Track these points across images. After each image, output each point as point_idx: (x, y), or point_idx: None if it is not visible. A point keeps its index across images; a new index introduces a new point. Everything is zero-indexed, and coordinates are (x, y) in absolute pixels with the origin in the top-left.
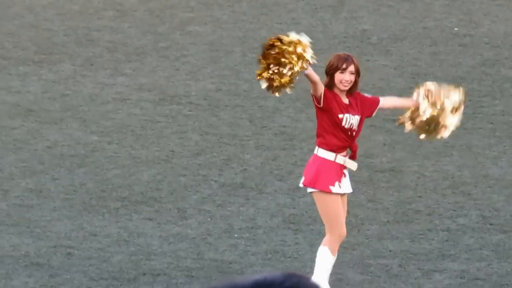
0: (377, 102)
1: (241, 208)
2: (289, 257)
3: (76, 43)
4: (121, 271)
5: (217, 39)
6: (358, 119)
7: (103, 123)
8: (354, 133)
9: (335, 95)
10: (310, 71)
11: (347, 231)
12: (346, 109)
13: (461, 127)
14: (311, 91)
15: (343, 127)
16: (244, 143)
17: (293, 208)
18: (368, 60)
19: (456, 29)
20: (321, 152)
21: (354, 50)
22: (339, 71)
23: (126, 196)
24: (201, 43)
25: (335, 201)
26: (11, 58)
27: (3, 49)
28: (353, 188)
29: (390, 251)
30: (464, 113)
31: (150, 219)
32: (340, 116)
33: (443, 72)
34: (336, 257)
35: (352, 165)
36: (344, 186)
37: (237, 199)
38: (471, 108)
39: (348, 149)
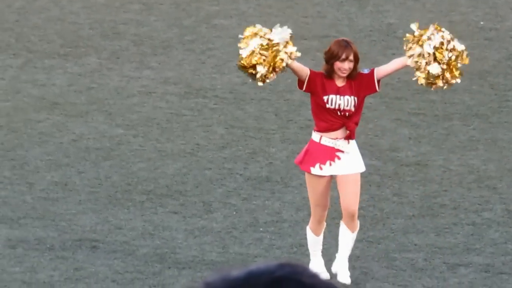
0: (372, 74)
1: (266, 201)
2: None
3: (102, 36)
4: (146, 265)
5: (242, 32)
6: (351, 100)
7: (128, 116)
8: (346, 113)
9: (326, 79)
10: (291, 62)
11: (372, 225)
12: (335, 91)
13: (486, 121)
14: (297, 77)
15: (329, 108)
16: (270, 136)
17: None
18: (394, 54)
19: (482, 23)
20: (312, 134)
21: (380, 44)
22: (339, 60)
23: (152, 190)
24: (227, 37)
25: (316, 183)
26: (36, 52)
27: (29, 42)
28: (378, 182)
29: (415, 245)
30: (489, 107)
31: (175, 213)
32: (325, 97)
33: (468, 65)
34: (321, 235)
35: (346, 147)
36: (336, 169)
37: (262, 193)
38: (497, 102)
39: (344, 130)
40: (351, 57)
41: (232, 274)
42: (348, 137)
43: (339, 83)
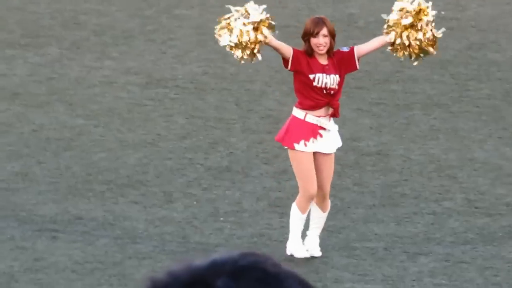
0: (353, 52)
1: (227, 191)
2: (275, 241)
3: (63, 26)
4: (106, 255)
5: (204, 22)
6: (335, 78)
7: (89, 107)
8: (332, 91)
9: (310, 58)
10: (269, 40)
11: (332, 215)
12: (321, 69)
13: (447, 111)
14: (281, 56)
15: (315, 86)
16: (230, 126)
17: (279, 191)
18: (355, 44)
19: (443, 12)
20: (294, 111)
21: (341, 34)
22: (312, 36)
23: (112, 180)
24: (188, 27)
25: (302, 159)
26: None
27: None
28: (339, 172)
29: (376, 234)
30: (450, 97)
31: (136, 203)
32: (311, 76)
33: (429, 55)
34: (305, 216)
35: (329, 125)
36: (318, 146)
37: (223, 183)
38: (457, 92)
39: (327, 108)
40: (325, 32)
41: (195, 263)
42: (333, 115)
43: (323, 61)
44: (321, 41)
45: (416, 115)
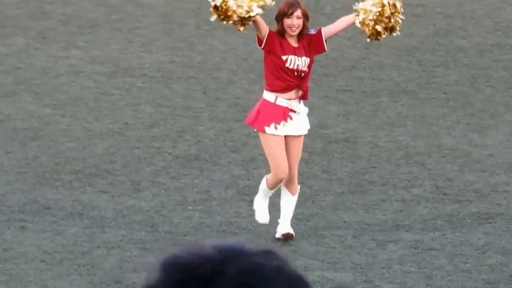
0: (320, 34)
1: (195, 180)
2: (244, 229)
3: (29, 16)
4: (75, 244)
5: (170, 11)
6: (306, 60)
7: (56, 96)
8: (302, 74)
9: (282, 39)
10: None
11: (301, 203)
12: (293, 51)
13: (415, 97)
14: (257, 33)
15: (287, 68)
16: (198, 115)
17: (248, 179)
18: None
19: None
20: (265, 94)
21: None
22: (286, 16)
23: (80, 169)
24: (154, 15)
25: (272, 142)
26: None
27: None
28: (307, 159)
29: (345, 222)
30: (417, 84)
31: (104, 192)
32: (284, 57)
33: (396, 42)
34: (272, 191)
35: (299, 107)
36: (288, 129)
37: (191, 171)
38: (425, 78)
39: (297, 91)
40: (298, 13)
41: (202, 251)
42: (302, 97)
43: (293, 43)
44: (294, 22)
45: (384, 102)
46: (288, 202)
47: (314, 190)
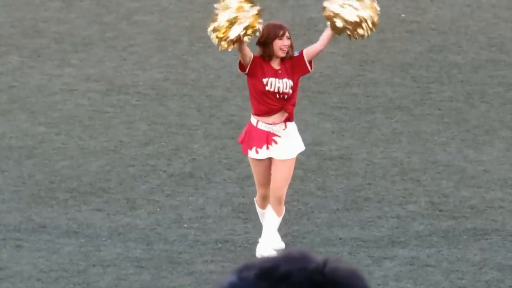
0: (302, 55)
1: (190, 197)
2: (239, 246)
3: (23, 35)
4: (70, 263)
5: (164, 28)
6: (288, 82)
7: (51, 114)
8: (285, 96)
9: (265, 62)
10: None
11: (296, 220)
12: (274, 73)
13: (409, 114)
14: (240, 60)
15: (268, 91)
16: (193, 132)
17: (243, 197)
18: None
19: (403, 15)
20: (251, 117)
21: (301, 38)
22: (278, 37)
23: (75, 187)
24: (148, 33)
25: (254, 165)
26: None
27: None
28: (302, 177)
29: (340, 238)
30: (412, 100)
31: (99, 210)
32: (264, 80)
33: (390, 58)
34: (264, 210)
35: (282, 132)
36: (272, 153)
37: (186, 189)
38: (419, 95)
39: (282, 114)
40: (287, 34)
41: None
42: (287, 119)
43: (275, 66)
44: (285, 43)
45: (378, 118)
46: (272, 220)
47: (309, 207)
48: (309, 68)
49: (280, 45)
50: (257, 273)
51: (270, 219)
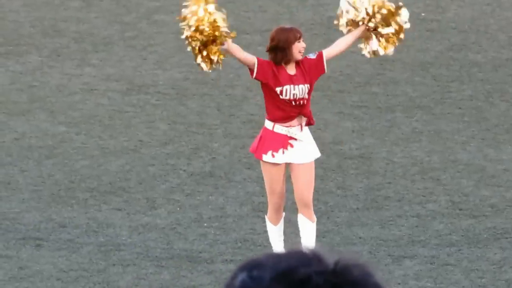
0: (321, 56)
1: (210, 197)
2: (259, 246)
3: (43, 34)
4: (90, 262)
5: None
6: (304, 88)
7: (70, 114)
8: (301, 101)
9: (278, 68)
10: (228, 47)
11: (316, 218)
12: (289, 80)
13: (429, 113)
14: (245, 64)
15: (283, 99)
16: (212, 131)
17: (262, 196)
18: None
19: (423, 14)
20: (265, 122)
21: (321, 37)
22: (297, 41)
23: (95, 187)
24: (168, 32)
25: (270, 170)
26: None
27: None
28: (322, 176)
29: (360, 238)
30: (432, 99)
31: (119, 210)
32: (278, 89)
33: (410, 57)
34: (280, 224)
35: (299, 135)
36: (289, 157)
37: (206, 188)
38: (439, 94)
39: (299, 118)
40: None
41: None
42: (308, 123)
43: (290, 71)
44: (303, 45)
45: (398, 117)
46: (308, 229)
47: (329, 206)
48: (325, 69)
49: (300, 48)
50: (272, 276)
51: (306, 226)
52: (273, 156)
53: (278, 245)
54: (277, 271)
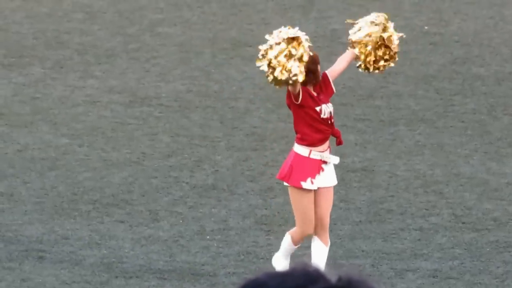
0: (327, 77)
1: (212, 209)
2: (262, 258)
3: (46, 46)
4: (93, 274)
5: (187, 40)
6: (330, 106)
7: (73, 126)
8: (332, 120)
9: (307, 89)
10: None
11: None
12: (319, 100)
13: (432, 126)
14: (290, 89)
15: (322, 118)
16: (215, 144)
17: (265, 209)
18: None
19: (426, 27)
20: (297, 148)
21: (324, 50)
22: (318, 64)
23: (98, 199)
24: (171, 45)
25: (305, 198)
26: None
27: None
28: None
29: (363, 251)
30: (435, 112)
31: (122, 222)
32: (317, 108)
33: (413, 70)
34: (296, 247)
35: (333, 159)
36: (321, 181)
37: (208, 201)
38: (442, 107)
39: (327, 143)
40: None
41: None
42: (339, 143)
43: (314, 92)
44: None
45: (401, 130)
46: (321, 254)
47: (332, 219)
48: (333, 88)
49: (319, 70)
50: None
51: (320, 250)
52: (312, 183)
53: (286, 262)
54: None
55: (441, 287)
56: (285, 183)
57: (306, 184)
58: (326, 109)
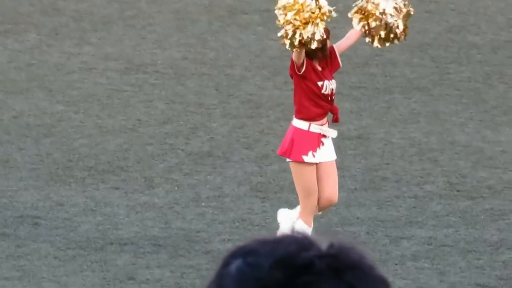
0: (334, 52)
1: (208, 176)
2: (257, 225)
3: (42, 13)
4: (88, 241)
5: (183, 7)
6: (334, 83)
7: (69, 93)
8: (333, 97)
9: (312, 63)
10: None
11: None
12: (323, 75)
13: (427, 94)
14: (293, 59)
15: (323, 94)
16: (211, 111)
17: (260, 176)
18: (334, 27)
19: None
20: (296, 122)
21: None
22: (328, 39)
23: (93, 166)
24: (167, 12)
25: (308, 172)
26: None
27: None
28: None
29: (358, 218)
30: (430, 80)
31: (117, 188)
32: (319, 83)
33: (409, 38)
34: (312, 227)
35: (331, 132)
36: (322, 155)
37: (204, 168)
38: (438, 75)
39: (326, 117)
40: None
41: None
42: (335, 120)
43: (319, 67)
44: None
45: (396, 98)
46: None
47: None
48: (340, 63)
49: (329, 44)
50: (271, 262)
51: (304, 230)
52: (313, 156)
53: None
54: (275, 257)
55: (436, 254)
56: (287, 160)
57: (307, 158)
58: (328, 85)
